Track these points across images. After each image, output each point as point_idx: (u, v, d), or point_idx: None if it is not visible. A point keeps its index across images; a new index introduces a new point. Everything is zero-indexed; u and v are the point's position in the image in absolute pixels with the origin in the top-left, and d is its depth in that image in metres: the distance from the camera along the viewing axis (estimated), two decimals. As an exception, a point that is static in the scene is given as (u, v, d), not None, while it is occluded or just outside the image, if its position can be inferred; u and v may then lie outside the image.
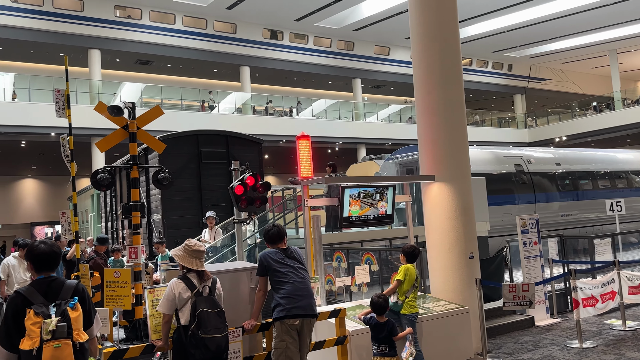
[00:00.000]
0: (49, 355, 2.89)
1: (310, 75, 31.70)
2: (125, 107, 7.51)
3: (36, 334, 2.92)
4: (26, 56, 24.94)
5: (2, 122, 20.10)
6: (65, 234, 8.12)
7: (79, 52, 23.62)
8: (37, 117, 20.40)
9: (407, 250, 5.41)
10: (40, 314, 2.95)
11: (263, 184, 7.19)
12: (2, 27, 22.02)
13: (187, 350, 3.69)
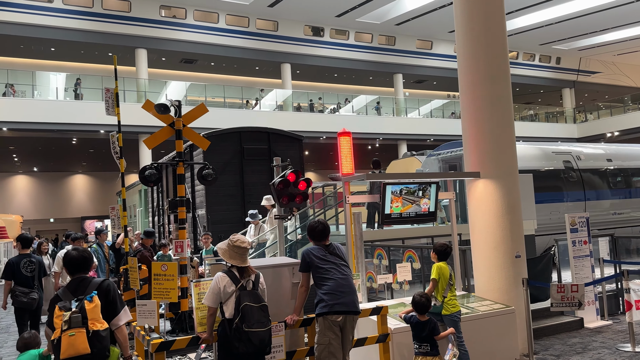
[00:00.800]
0: (66, 343, 3.33)
1: (351, 71, 31.60)
2: (172, 105, 7.70)
3: (59, 326, 3.37)
4: (77, 56, 25.96)
5: (55, 120, 21.01)
6: (115, 227, 8.42)
7: (127, 51, 24.38)
8: (87, 115, 21.21)
9: (438, 249, 5.32)
10: (63, 308, 3.41)
11: (304, 181, 7.22)
12: (55, 28, 22.99)
13: (231, 343, 3.76)
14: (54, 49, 25.06)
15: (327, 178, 27.97)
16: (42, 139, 23.96)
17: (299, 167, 10.08)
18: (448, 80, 32.92)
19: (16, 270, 7.30)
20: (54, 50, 25.20)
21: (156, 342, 3.91)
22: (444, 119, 30.95)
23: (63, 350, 3.32)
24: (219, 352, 3.95)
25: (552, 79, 36.77)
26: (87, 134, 22.54)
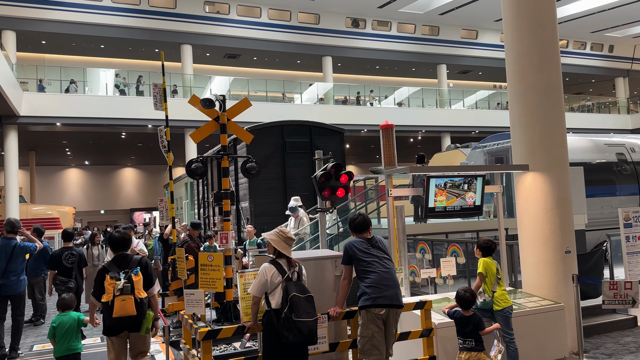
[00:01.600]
0: (118, 305, 4.40)
1: (393, 63, 31.24)
2: (217, 99, 7.85)
3: (110, 291, 4.44)
4: (125, 53, 26.79)
5: (105, 115, 21.79)
6: (163, 219, 8.69)
7: (173, 47, 24.96)
8: (136, 110, 21.90)
9: (482, 245, 5.21)
10: (113, 277, 4.49)
11: (346, 174, 7.22)
12: (104, 26, 23.80)
13: (280, 332, 3.81)
14: (104, 46, 25.94)
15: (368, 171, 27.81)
16: (93, 134, 24.92)
17: (340, 160, 10.08)
18: (494, 70, 32.03)
19: (58, 261, 7.92)
20: (103, 48, 26.10)
21: (204, 331, 4.02)
22: (490, 110, 30.17)
23: (116, 311, 4.37)
24: (264, 341, 4.02)
25: (604, 68, 35.19)
26: (136, 128, 23.26)
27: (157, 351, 6.29)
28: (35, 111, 20.92)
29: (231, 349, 6.80)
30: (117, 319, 4.40)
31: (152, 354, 6.18)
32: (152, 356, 6.12)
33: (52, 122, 21.60)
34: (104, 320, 4.56)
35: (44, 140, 25.93)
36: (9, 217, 7.64)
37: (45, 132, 23.54)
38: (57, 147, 28.86)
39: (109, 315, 4.43)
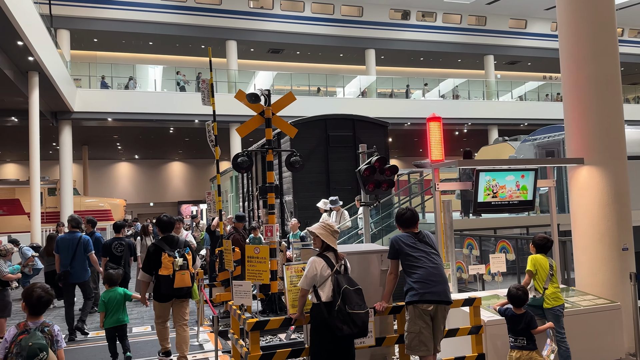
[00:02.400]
0: (179, 279, 5.42)
1: (438, 54, 30.67)
2: (262, 94, 7.93)
3: (170, 267, 5.39)
4: (172, 49, 27.45)
5: (154, 110, 22.45)
6: (211, 212, 8.88)
7: (218, 43, 25.39)
8: (183, 106, 22.45)
9: (538, 242, 5.02)
10: (171, 255, 5.44)
11: (390, 168, 7.15)
12: (153, 23, 24.47)
13: (333, 325, 3.81)
14: (152, 43, 26.68)
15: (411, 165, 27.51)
16: (143, 129, 25.70)
17: (384, 154, 9.99)
18: (544, 60, 30.90)
19: (109, 250, 8.53)
20: (152, 45, 26.84)
21: (252, 322, 4.08)
22: (539, 102, 29.15)
23: (176, 282, 5.40)
24: (313, 334, 4.02)
25: (663, 57, 33.35)
26: (183, 123, 23.84)
27: (206, 340, 6.44)
28: (88, 107, 21.78)
29: (277, 340, 6.89)
30: (176, 289, 5.42)
31: (201, 342, 6.34)
32: (201, 345, 6.28)
33: (104, 117, 22.44)
34: (157, 289, 5.50)
35: (96, 134, 26.97)
36: (72, 214, 8.52)
37: (97, 127, 24.48)
38: (108, 142, 29.95)
39: (167, 286, 5.41)
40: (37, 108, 16.96)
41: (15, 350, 3.13)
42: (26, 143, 17.39)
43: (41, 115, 17.99)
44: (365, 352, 4.53)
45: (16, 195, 22.52)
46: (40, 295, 3.35)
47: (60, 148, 21.84)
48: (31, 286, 3.42)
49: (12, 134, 24.35)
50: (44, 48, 15.79)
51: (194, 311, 8.60)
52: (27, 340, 3.16)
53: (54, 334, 3.34)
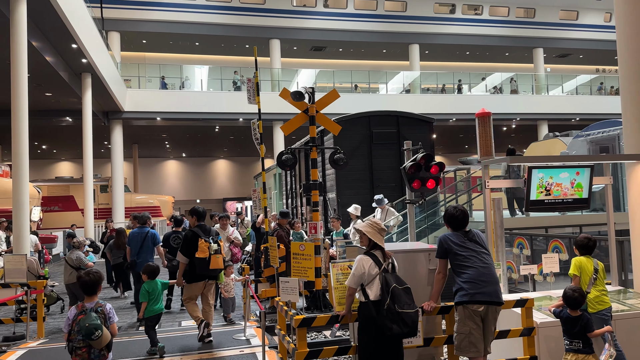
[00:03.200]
0: (214, 261, 6.17)
1: (484, 48, 29.93)
2: (306, 92, 7.96)
3: (206, 251, 6.11)
4: (218, 49, 27.97)
5: (200, 109, 22.97)
6: (256, 208, 9.01)
7: (262, 42, 25.70)
8: (228, 105, 22.85)
9: (580, 243, 4.78)
10: (207, 241, 6.17)
11: (436, 165, 7.03)
12: (199, 24, 25.03)
13: (383, 324, 3.77)
14: (198, 44, 27.27)
15: (456, 162, 26.98)
16: (189, 127, 26.34)
17: (429, 151, 9.84)
18: (597, 53, 29.62)
19: (167, 241, 9.05)
20: (198, 45, 27.43)
21: (299, 318, 4.10)
22: (592, 96, 27.97)
23: (212, 264, 6.14)
24: (361, 333, 4.00)
25: None
26: (228, 122, 24.27)
27: (252, 335, 6.53)
28: (138, 107, 22.51)
29: (322, 337, 6.91)
30: (211, 270, 6.17)
31: (248, 337, 6.43)
32: (248, 339, 6.37)
33: (153, 117, 23.14)
34: (192, 271, 6.19)
35: (145, 133, 27.83)
36: (144, 212, 9.38)
37: (147, 126, 25.25)
38: (157, 140, 30.86)
39: (202, 267, 6.11)
40: (90, 108, 17.67)
41: (76, 329, 3.76)
42: (80, 142, 18.17)
43: (94, 115, 18.74)
44: (413, 352, 4.48)
45: (70, 192, 23.54)
46: (86, 279, 3.96)
47: (112, 147, 22.67)
48: (82, 272, 4.13)
49: (67, 134, 25.47)
50: (96, 50, 16.42)
51: (240, 306, 8.75)
52: (84, 320, 3.74)
53: (107, 312, 3.91)
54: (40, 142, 28.37)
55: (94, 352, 3.76)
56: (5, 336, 7.55)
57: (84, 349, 3.74)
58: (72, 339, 3.77)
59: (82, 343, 3.73)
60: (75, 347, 3.75)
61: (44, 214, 20.31)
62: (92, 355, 3.76)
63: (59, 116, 21.95)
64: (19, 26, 10.53)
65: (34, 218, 15.75)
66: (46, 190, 22.38)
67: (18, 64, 10.46)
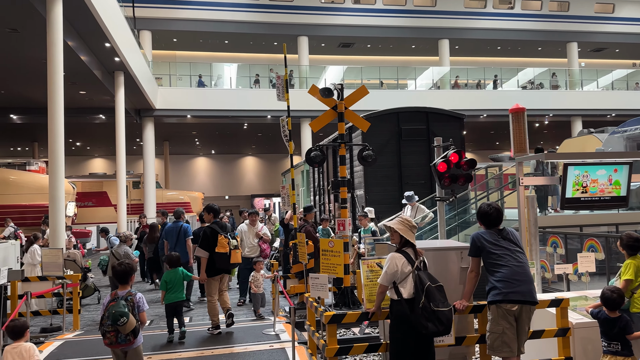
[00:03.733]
0: (234, 256, 6.51)
1: (516, 43, 29.30)
2: (335, 89, 7.94)
3: (226, 246, 6.44)
4: (246, 47, 28.18)
5: (229, 107, 23.19)
6: (285, 205, 9.05)
7: (290, 40, 25.76)
8: (256, 102, 23.01)
9: (628, 243, 4.54)
10: (226, 237, 6.48)
11: (468, 161, 6.92)
12: (229, 22, 25.27)
13: (417, 322, 3.74)
14: (227, 42, 27.52)
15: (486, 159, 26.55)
16: (219, 125, 26.62)
17: (460, 148, 9.70)
18: (634, 46, 28.68)
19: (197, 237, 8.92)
20: (227, 43, 27.69)
21: (329, 314, 4.10)
22: (629, 91, 27.09)
23: (232, 259, 6.50)
24: (393, 331, 3.96)
25: None
26: (256, 119, 24.44)
27: (282, 330, 6.57)
28: (169, 104, 22.88)
29: (350, 334, 6.90)
30: (232, 264, 6.57)
31: (277, 332, 6.48)
32: (277, 335, 6.41)
33: (183, 114, 23.48)
34: (211, 266, 6.48)
35: (176, 131, 28.26)
36: (178, 208, 9.83)
37: (177, 124, 25.65)
38: (187, 138, 31.31)
39: (223, 261, 6.45)
40: (122, 106, 18.03)
41: (106, 314, 4.18)
42: (113, 139, 18.56)
43: (126, 113, 19.12)
44: (444, 351, 4.43)
45: (104, 188, 24.10)
46: (119, 269, 4.43)
47: (144, 144, 23.10)
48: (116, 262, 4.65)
49: (100, 131, 26.07)
50: (128, 49, 16.74)
51: (270, 301, 8.82)
52: (113, 307, 4.14)
53: (136, 301, 4.28)
54: (75, 139, 29.11)
55: (120, 336, 4.14)
56: (43, 327, 7.80)
57: (112, 332, 4.13)
58: (103, 323, 4.17)
59: (111, 327, 4.11)
60: (105, 331, 4.15)
61: (78, 209, 20.87)
62: (119, 339, 4.15)
63: (92, 114, 22.48)
64: (55, 26, 10.81)
65: (69, 213, 16.20)
66: (80, 186, 22.96)
67: (54, 63, 10.75)
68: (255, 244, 9.14)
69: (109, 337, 4.16)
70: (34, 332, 7.55)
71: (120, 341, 4.16)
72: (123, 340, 4.17)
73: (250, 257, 8.87)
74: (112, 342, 4.17)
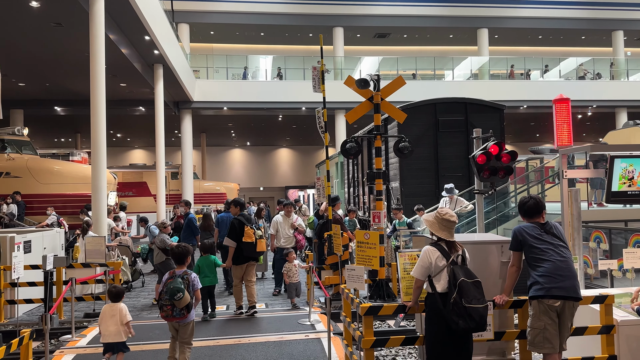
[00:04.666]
0: (260, 245, 7.04)
1: (558, 32, 28.33)
2: (371, 79, 7.88)
3: (252, 236, 6.99)
4: (282, 39, 28.24)
5: (265, 99, 23.35)
6: (320, 197, 9.06)
7: (325, 31, 25.65)
8: (291, 94, 23.08)
9: None
10: (251, 227, 7.04)
11: (508, 154, 6.75)
12: (265, 14, 25.36)
13: (448, 318, 3.70)
14: (263, 34, 27.65)
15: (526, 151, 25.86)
16: (254, 116, 26.87)
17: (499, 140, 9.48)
18: (685, 34, 27.31)
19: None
20: (263, 35, 27.82)
21: (365, 306, 4.09)
22: (678, 81, 25.85)
23: (259, 247, 7.04)
24: (428, 325, 3.93)
25: None
26: (291, 111, 24.53)
27: (317, 321, 6.61)
28: (206, 97, 23.21)
29: (385, 326, 6.88)
30: (258, 252, 7.08)
31: (312, 323, 6.52)
32: (313, 325, 6.46)
33: (220, 106, 23.79)
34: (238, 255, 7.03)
35: (212, 123, 28.68)
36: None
37: (214, 116, 26.01)
38: (223, 129, 31.72)
39: (250, 250, 7.01)
40: (161, 98, 18.40)
41: (164, 290, 4.62)
42: (152, 131, 18.98)
43: (165, 105, 19.50)
44: (482, 345, 4.36)
45: (144, 179, 24.71)
46: (176, 251, 4.95)
47: (182, 135, 23.54)
48: (174, 245, 5.19)
49: (140, 123, 26.70)
50: (167, 42, 17.05)
51: (304, 292, 8.88)
52: (171, 284, 4.60)
53: (191, 280, 4.72)
54: (116, 130, 29.92)
55: (175, 310, 4.57)
56: (86, 313, 8.09)
57: (168, 306, 4.57)
58: (161, 297, 4.61)
59: (168, 302, 4.56)
60: (162, 305, 4.60)
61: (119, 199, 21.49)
62: (174, 313, 4.58)
63: (132, 106, 23.04)
64: (98, 20, 11.10)
65: (110, 202, 16.70)
66: (121, 176, 23.60)
67: (96, 56, 11.05)
68: (291, 234, 9.20)
69: (165, 310, 4.58)
70: (77, 317, 7.84)
71: (175, 314, 4.57)
72: (178, 314, 4.57)
73: (286, 247, 8.93)
74: (168, 315, 4.59)
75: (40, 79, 18.61)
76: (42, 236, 9.09)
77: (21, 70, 17.05)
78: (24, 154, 16.45)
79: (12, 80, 17.90)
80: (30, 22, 12.74)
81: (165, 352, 5.13)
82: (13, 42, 14.07)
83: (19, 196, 14.87)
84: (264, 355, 5.35)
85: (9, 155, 15.88)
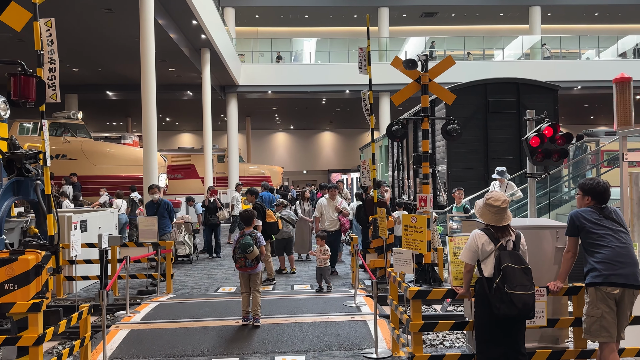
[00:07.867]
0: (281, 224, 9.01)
1: (616, 8, 26.81)
2: (419, 59, 7.69)
3: (273, 217, 8.68)
4: (326, 21, 28.03)
5: (308, 82, 23.33)
6: (365, 180, 9.02)
7: (370, 11, 25.25)
8: (335, 77, 22.94)
9: None
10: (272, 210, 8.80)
11: (563, 136, 6.48)
12: (310, -4, 25.20)
13: (491, 303, 3.64)
14: (307, 16, 27.52)
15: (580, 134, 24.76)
16: (298, 100, 26.93)
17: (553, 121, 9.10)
18: None
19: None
20: (307, 18, 27.70)
21: (413, 290, 4.05)
22: None
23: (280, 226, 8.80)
24: (477, 309, 3.88)
25: None
26: (335, 94, 24.43)
27: (362, 303, 6.62)
28: (251, 81, 23.42)
29: (431, 311, 6.82)
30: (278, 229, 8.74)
31: (358, 305, 6.53)
32: (358, 307, 6.47)
33: (264, 90, 23.96)
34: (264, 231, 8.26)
35: (257, 106, 28.98)
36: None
37: (259, 100, 26.24)
38: (268, 113, 32.01)
39: (272, 228, 8.56)
40: (208, 82, 18.70)
41: (237, 246, 5.67)
42: (200, 115, 19.36)
43: (212, 89, 19.83)
44: (535, 332, 4.25)
45: (191, 162, 25.31)
46: (244, 214, 5.99)
47: (228, 119, 23.91)
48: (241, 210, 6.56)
49: (188, 107, 27.29)
50: (214, 26, 17.24)
51: (349, 274, 8.90)
52: (242, 240, 5.64)
53: (257, 238, 5.77)
54: (165, 114, 30.72)
55: (247, 262, 5.62)
56: (140, 290, 8.41)
57: (241, 259, 5.61)
58: (235, 252, 5.68)
59: (241, 255, 5.59)
60: (236, 257, 5.65)
61: (169, 181, 22.12)
62: (246, 264, 5.63)
63: (181, 90, 23.55)
64: (147, 5, 11.33)
65: (160, 184, 17.23)
66: (170, 159, 24.27)
67: (146, 41, 11.31)
68: (335, 217, 9.21)
69: (239, 262, 5.63)
70: (131, 294, 8.16)
71: (247, 265, 5.61)
72: (249, 265, 5.62)
73: (331, 230, 8.94)
74: (241, 265, 5.63)
75: (92, 64, 19.28)
76: (97, 216, 9.48)
77: (75, 56, 17.70)
78: (79, 137, 17.15)
79: (67, 65, 18.62)
80: (83, 8, 13.16)
81: (214, 329, 5.55)
82: (67, 28, 14.60)
83: (75, 177, 15.54)
84: (310, 335, 5.41)
85: (65, 138, 16.59)
